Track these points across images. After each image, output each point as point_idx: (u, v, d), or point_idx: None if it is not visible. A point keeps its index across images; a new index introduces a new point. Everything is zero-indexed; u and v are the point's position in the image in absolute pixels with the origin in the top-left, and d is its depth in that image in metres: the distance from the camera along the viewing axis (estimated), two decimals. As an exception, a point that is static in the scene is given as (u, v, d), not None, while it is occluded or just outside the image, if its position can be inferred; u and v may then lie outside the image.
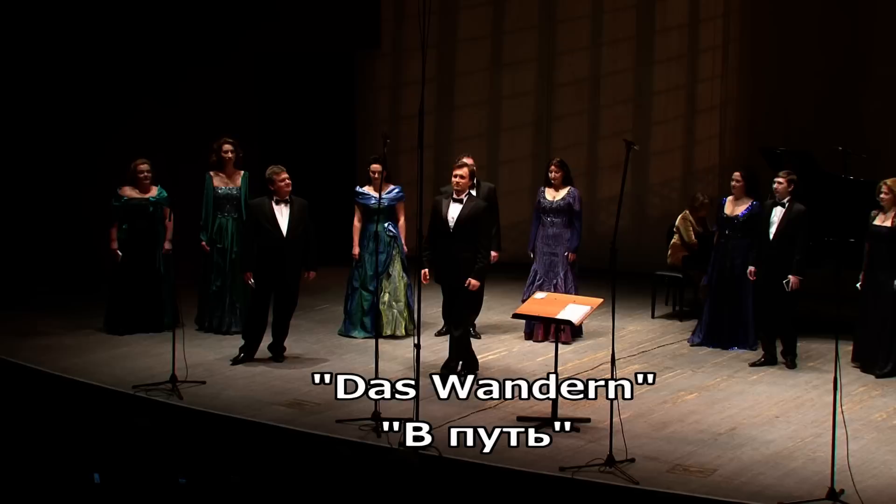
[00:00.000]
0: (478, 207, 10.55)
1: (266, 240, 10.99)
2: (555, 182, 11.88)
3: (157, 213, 11.98)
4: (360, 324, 12.01)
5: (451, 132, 16.10)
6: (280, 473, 9.04)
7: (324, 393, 10.25)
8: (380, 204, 11.30)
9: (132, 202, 11.92)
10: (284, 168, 11.11)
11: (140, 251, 11.93)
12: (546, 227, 11.85)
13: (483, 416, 9.70)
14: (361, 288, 11.94)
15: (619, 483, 8.33)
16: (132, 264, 11.91)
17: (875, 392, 10.46)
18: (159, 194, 12.01)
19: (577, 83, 15.57)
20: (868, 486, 8.23)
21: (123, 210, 11.90)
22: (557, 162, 11.95)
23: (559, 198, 11.87)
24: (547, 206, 11.87)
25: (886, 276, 10.71)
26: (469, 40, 16.03)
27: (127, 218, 11.92)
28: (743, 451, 8.98)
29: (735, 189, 11.60)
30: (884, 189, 10.78)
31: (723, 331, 11.67)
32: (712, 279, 11.73)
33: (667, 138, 15.21)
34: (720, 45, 14.82)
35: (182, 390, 10.13)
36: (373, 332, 11.68)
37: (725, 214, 11.61)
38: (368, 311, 11.91)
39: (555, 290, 11.43)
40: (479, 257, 10.53)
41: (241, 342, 11.30)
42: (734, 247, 11.53)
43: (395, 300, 11.90)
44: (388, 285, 11.88)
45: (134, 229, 11.92)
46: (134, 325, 11.94)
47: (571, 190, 11.92)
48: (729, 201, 11.67)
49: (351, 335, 12.00)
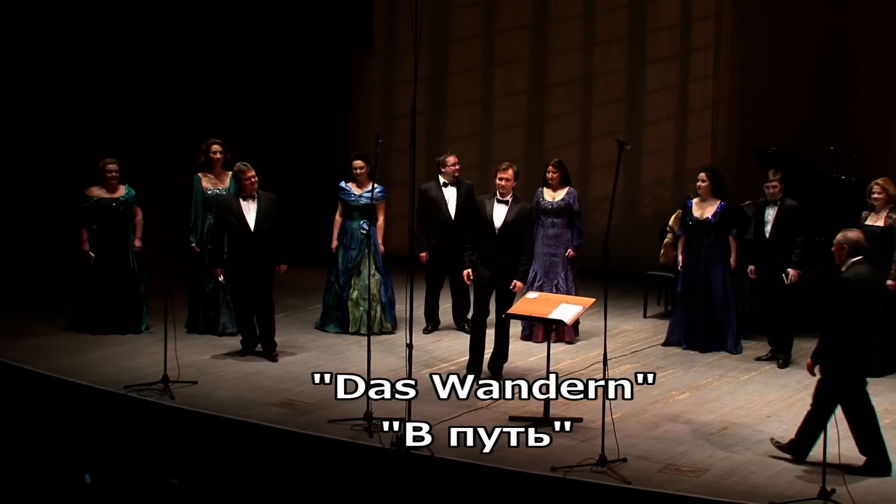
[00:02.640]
0: (524, 210, 10.55)
1: (235, 235, 11.12)
2: (552, 182, 11.87)
3: (126, 212, 11.97)
4: (335, 318, 12.10)
5: (443, 132, 16.11)
6: (272, 474, 9.04)
7: (315, 393, 10.25)
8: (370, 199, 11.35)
9: (101, 202, 11.91)
10: (251, 166, 11.25)
11: (110, 251, 11.92)
12: (546, 228, 11.83)
13: (475, 416, 9.70)
14: (336, 283, 12.06)
15: (610, 483, 8.34)
16: (103, 265, 11.89)
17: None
18: (127, 193, 12.00)
19: (569, 83, 15.57)
20: (859, 485, 8.24)
21: (93, 210, 11.88)
22: (555, 163, 11.94)
23: (559, 198, 11.86)
24: (547, 207, 11.85)
25: (881, 276, 10.70)
26: (461, 40, 16.03)
27: (97, 218, 11.91)
28: (734, 451, 8.98)
29: (702, 190, 11.55)
30: (876, 189, 10.77)
31: (697, 334, 11.63)
32: (685, 282, 11.65)
33: (659, 138, 15.22)
34: (712, 45, 14.83)
35: (174, 390, 10.11)
36: (342, 328, 12.02)
37: (695, 217, 11.56)
38: (339, 305, 12.08)
39: (556, 291, 11.43)
40: (523, 259, 10.54)
41: (234, 342, 11.43)
42: (707, 249, 11.49)
43: (362, 298, 11.91)
44: (357, 282, 11.93)
45: (103, 229, 11.91)
46: (109, 325, 11.91)
47: (570, 190, 11.91)
48: (696, 203, 11.59)
49: (325, 329, 12.11)
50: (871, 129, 13.82)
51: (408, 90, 10.49)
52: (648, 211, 15.21)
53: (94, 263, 11.88)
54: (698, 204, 11.59)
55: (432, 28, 15.73)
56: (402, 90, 15.87)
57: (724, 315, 11.55)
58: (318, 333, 12.18)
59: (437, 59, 16.02)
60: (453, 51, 16.06)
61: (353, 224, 11.92)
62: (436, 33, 15.89)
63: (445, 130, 16.12)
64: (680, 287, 11.73)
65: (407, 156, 9.38)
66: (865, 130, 13.77)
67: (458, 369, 10.93)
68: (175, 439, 9.54)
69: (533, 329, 11.92)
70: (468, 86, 16.04)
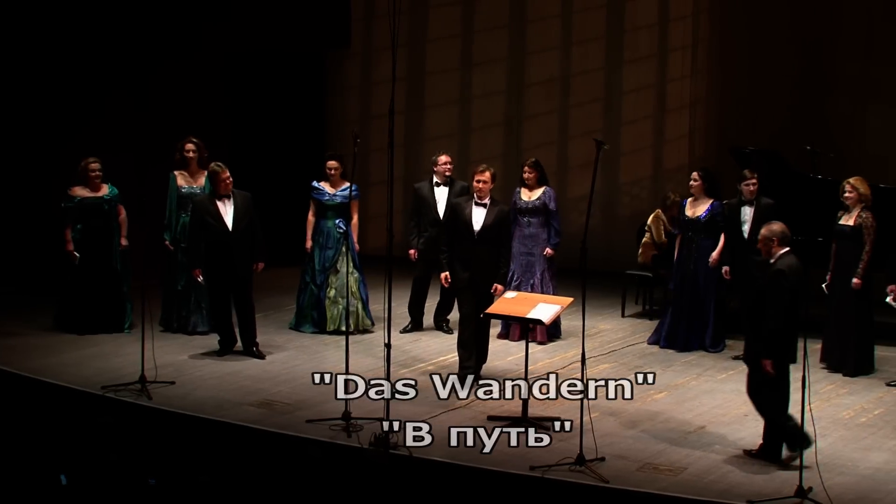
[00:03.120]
0: (502, 213, 10.52)
1: (213, 235, 11.11)
2: (529, 182, 11.88)
3: (111, 211, 11.95)
4: (310, 318, 12.06)
5: (421, 131, 16.10)
6: (250, 474, 9.01)
7: (293, 393, 10.24)
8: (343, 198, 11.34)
9: (86, 201, 11.88)
10: (226, 167, 11.22)
11: (95, 250, 11.90)
12: (523, 227, 11.84)
13: (453, 415, 9.70)
14: (311, 282, 12.00)
15: (589, 482, 8.35)
16: (88, 264, 11.86)
17: (842, 390, 10.52)
18: (111, 192, 11.98)
19: (547, 83, 15.59)
20: (836, 483, 8.27)
21: (77, 210, 11.85)
22: (531, 163, 11.96)
23: (534, 198, 11.87)
24: (523, 206, 11.87)
25: (851, 275, 10.75)
26: (439, 40, 16.03)
27: (81, 218, 11.87)
28: (712, 450, 9.01)
29: (693, 189, 11.64)
30: (847, 188, 10.82)
31: (679, 333, 11.67)
32: (675, 281, 11.71)
33: (637, 137, 15.25)
34: (689, 44, 14.87)
35: (151, 391, 10.08)
36: (318, 327, 11.98)
37: (687, 216, 11.63)
38: (315, 305, 12.05)
39: (532, 291, 11.44)
40: (502, 262, 10.52)
41: (211, 342, 11.40)
42: (698, 248, 11.55)
43: (340, 296, 11.90)
44: (334, 281, 11.91)
45: (88, 229, 11.88)
46: (94, 325, 11.88)
47: (547, 190, 11.93)
48: (689, 202, 11.70)
49: (300, 329, 12.08)
50: (845, 129, 13.87)
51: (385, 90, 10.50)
52: (626, 210, 15.24)
53: (78, 263, 11.84)
54: (692, 203, 11.68)
55: (410, 28, 15.72)
56: (380, 90, 15.87)
57: (709, 315, 11.58)
58: (295, 333, 12.15)
59: (414, 58, 16.02)
60: (431, 50, 16.06)
61: (329, 223, 11.91)
62: (413, 33, 15.89)
63: (423, 130, 16.11)
64: (672, 285, 11.82)
65: (385, 155, 9.38)
66: (840, 130, 13.82)
67: (436, 369, 10.92)
68: (153, 440, 9.50)
69: (510, 328, 11.93)
70: (446, 85, 16.04)
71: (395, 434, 8.86)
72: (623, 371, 10.89)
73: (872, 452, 9.00)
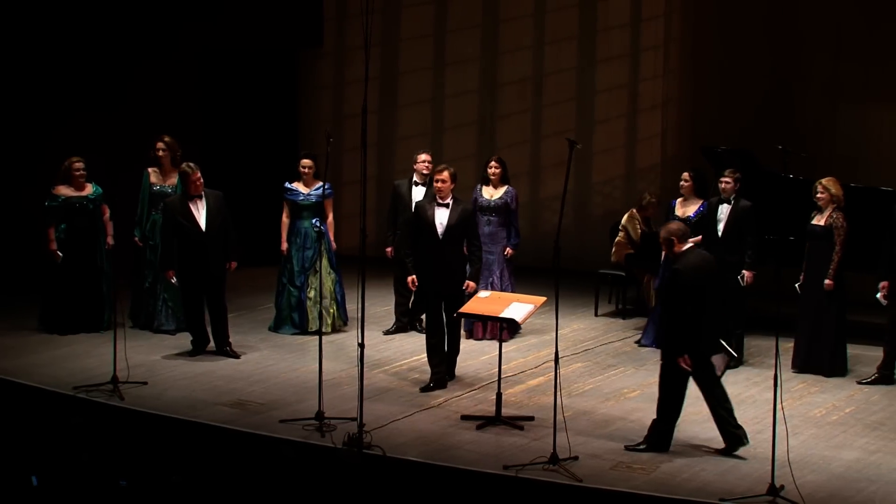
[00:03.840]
0: (466, 212, 10.45)
1: (187, 236, 11.07)
2: (493, 179, 11.88)
3: (95, 210, 11.91)
4: (290, 320, 12.00)
5: (394, 131, 16.09)
6: (223, 474, 8.99)
7: (266, 393, 10.21)
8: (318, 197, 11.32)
9: (71, 201, 11.83)
10: (197, 167, 11.18)
11: (80, 250, 11.85)
12: (482, 225, 11.82)
13: (427, 414, 9.70)
14: (289, 284, 11.96)
15: (562, 481, 8.36)
16: (72, 263, 11.82)
17: (814, 388, 10.57)
18: (95, 191, 11.94)
19: (519, 82, 15.60)
20: (808, 481, 8.31)
21: (61, 209, 11.80)
22: (498, 158, 11.99)
23: (497, 196, 11.88)
24: (484, 204, 11.87)
25: (823, 274, 10.79)
26: (412, 39, 16.02)
27: (65, 217, 11.82)
28: (685, 448, 9.03)
29: (684, 190, 11.69)
30: (819, 189, 10.86)
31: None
32: (663, 279, 11.73)
33: (609, 137, 15.28)
34: (661, 44, 14.91)
35: (123, 391, 10.04)
36: (301, 328, 11.88)
37: (677, 216, 11.66)
38: (296, 306, 11.97)
39: (490, 289, 11.44)
40: (474, 259, 10.48)
41: (181, 340, 11.43)
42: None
43: (321, 296, 11.89)
44: (314, 281, 11.86)
45: (73, 228, 11.84)
46: (74, 324, 11.84)
47: (509, 189, 11.94)
48: (679, 203, 11.75)
49: (280, 331, 12.03)
50: (817, 129, 13.94)
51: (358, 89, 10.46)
52: (599, 210, 15.27)
53: (61, 262, 11.78)
54: (681, 203, 11.72)
55: (383, 27, 15.70)
56: (353, 89, 15.84)
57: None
58: (268, 333, 12.12)
59: (387, 58, 16.00)
60: (404, 50, 16.04)
61: (305, 223, 11.88)
62: (386, 32, 15.87)
63: (396, 129, 16.10)
64: (657, 284, 11.85)
65: (358, 155, 9.36)
66: (811, 130, 13.89)
67: (409, 370, 10.93)
68: (125, 440, 9.46)
69: (473, 326, 11.93)
70: (419, 85, 16.03)
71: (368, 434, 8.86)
72: (596, 370, 10.92)
73: (844, 450, 9.05)
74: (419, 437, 9.16)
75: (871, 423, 9.66)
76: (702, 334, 8.81)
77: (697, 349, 8.83)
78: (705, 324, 8.80)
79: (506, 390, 9.88)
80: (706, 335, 8.86)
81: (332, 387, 10.13)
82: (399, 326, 12.22)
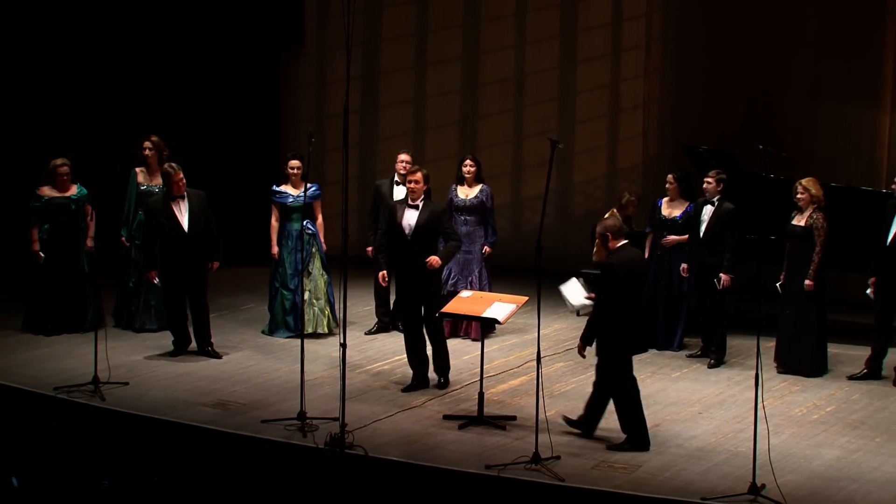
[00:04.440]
0: (434, 213, 10.34)
1: (169, 237, 11.05)
2: (468, 178, 11.89)
3: (78, 211, 11.88)
4: (284, 323, 11.96)
5: (376, 131, 16.08)
6: (205, 474, 8.97)
7: (248, 393, 10.20)
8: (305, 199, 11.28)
9: (54, 202, 11.81)
10: (180, 168, 11.17)
11: (63, 250, 11.83)
12: (459, 225, 11.81)
13: (409, 414, 9.70)
14: (282, 287, 11.90)
15: (544, 480, 8.37)
16: (55, 264, 11.79)
17: (795, 388, 10.61)
18: (79, 192, 11.92)
19: (501, 82, 15.61)
20: (788, 480, 8.34)
21: (45, 210, 11.77)
22: (472, 157, 12.02)
23: (472, 196, 11.89)
24: (460, 204, 11.88)
25: (803, 275, 10.82)
26: (393, 39, 16.02)
27: (48, 218, 11.80)
28: (666, 448, 9.05)
29: (669, 191, 11.69)
30: (799, 189, 10.89)
31: (657, 332, 11.71)
32: (649, 280, 11.75)
33: (591, 137, 15.30)
34: (643, 44, 14.94)
35: (105, 391, 10.01)
36: (296, 331, 11.71)
37: (663, 216, 11.67)
38: (290, 310, 11.89)
39: (470, 289, 11.44)
40: (451, 246, 10.39)
41: (162, 340, 11.41)
42: (674, 248, 11.59)
43: (315, 298, 11.86)
44: (308, 283, 11.81)
45: (56, 229, 11.81)
46: (58, 325, 11.80)
47: (484, 188, 11.95)
48: (665, 203, 11.74)
49: (276, 335, 11.95)
50: (798, 128, 13.97)
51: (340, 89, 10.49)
52: (580, 209, 15.29)
53: (45, 263, 11.75)
54: (667, 203, 11.71)
55: (364, 27, 15.70)
56: (335, 89, 15.84)
57: (680, 314, 11.64)
58: (250, 333, 12.10)
59: (369, 57, 15.99)
60: (385, 49, 16.04)
61: (295, 225, 11.78)
62: (368, 32, 15.86)
63: (378, 129, 16.09)
64: None
65: (340, 154, 9.36)
66: (792, 130, 13.92)
67: (391, 370, 10.92)
68: (106, 441, 9.44)
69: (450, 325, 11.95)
70: (400, 84, 16.03)
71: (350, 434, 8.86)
72: (578, 370, 10.93)
73: (824, 449, 9.09)
74: (401, 437, 9.17)
75: (852, 422, 9.70)
76: (627, 333, 8.92)
77: (624, 348, 8.94)
78: (631, 322, 8.92)
79: (488, 390, 9.88)
80: (631, 334, 8.96)
81: (315, 387, 10.14)
82: (380, 326, 12.22)
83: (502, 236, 12.55)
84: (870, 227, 11.04)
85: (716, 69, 14.45)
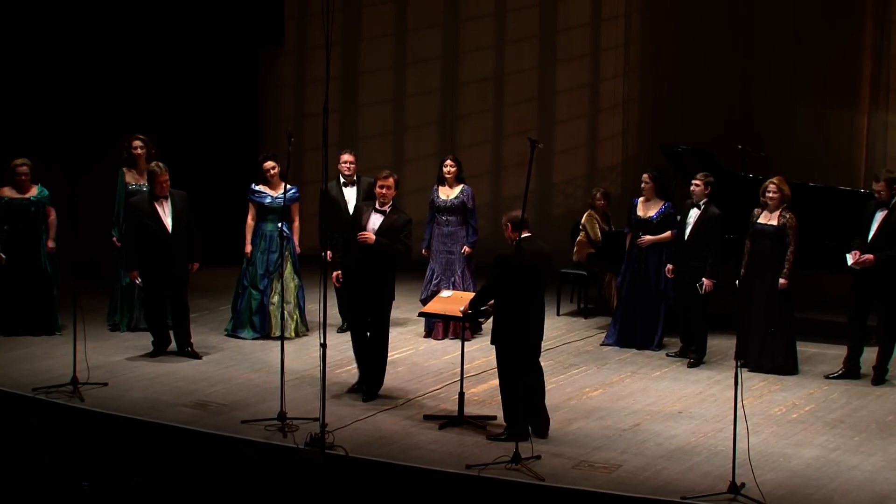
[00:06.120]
0: (397, 222, 10.15)
1: (152, 237, 11.01)
2: (449, 178, 11.89)
3: (38, 212, 11.82)
4: (250, 323, 11.92)
5: (355, 131, 16.06)
6: (184, 475, 8.95)
7: (228, 393, 10.18)
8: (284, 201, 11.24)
9: (13, 203, 11.75)
10: (166, 168, 11.13)
11: (23, 252, 11.77)
12: (441, 226, 11.83)
13: (389, 414, 9.70)
14: (251, 287, 11.86)
15: (524, 480, 8.38)
16: (16, 266, 11.74)
17: (774, 387, 10.64)
18: (40, 193, 11.85)
19: (481, 82, 15.62)
20: (768, 479, 8.37)
21: (3, 211, 11.71)
22: (453, 157, 12.01)
23: (453, 196, 11.90)
24: (441, 204, 11.88)
25: (773, 273, 10.81)
26: (373, 38, 16.00)
27: (7, 219, 11.73)
28: (646, 447, 9.07)
29: (645, 191, 11.67)
30: (772, 188, 10.81)
31: (635, 332, 11.73)
32: (625, 280, 11.77)
33: (570, 136, 15.32)
34: (622, 44, 14.96)
35: (84, 392, 9.97)
36: (261, 332, 11.71)
37: (639, 216, 11.67)
38: (257, 310, 11.86)
39: (453, 289, 11.45)
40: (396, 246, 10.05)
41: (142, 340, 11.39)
42: (650, 248, 11.61)
43: (284, 301, 11.81)
44: (278, 286, 11.74)
45: (15, 230, 11.75)
46: (22, 326, 11.74)
47: (465, 188, 11.95)
48: (640, 203, 11.71)
49: (239, 335, 11.91)
50: (776, 129, 14.02)
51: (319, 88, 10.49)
52: (560, 209, 15.31)
53: (5, 264, 11.69)
54: (643, 203, 11.69)
55: (344, 26, 15.67)
56: (314, 88, 15.82)
57: (659, 314, 11.66)
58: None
59: (348, 57, 15.97)
60: (365, 49, 16.03)
61: (270, 226, 11.76)
62: (347, 31, 15.84)
63: (357, 129, 16.07)
64: (619, 281, 11.87)
65: (319, 154, 9.34)
66: (770, 130, 13.97)
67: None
68: (85, 442, 9.40)
69: (434, 326, 11.93)
70: (380, 84, 16.02)
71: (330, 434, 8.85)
72: (558, 369, 10.94)
73: (804, 448, 9.12)
74: (382, 437, 9.16)
75: (831, 421, 9.74)
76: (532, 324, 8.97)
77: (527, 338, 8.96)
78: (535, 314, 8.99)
79: (468, 389, 9.89)
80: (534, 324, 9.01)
81: (294, 387, 10.12)
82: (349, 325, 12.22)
83: (482, 236, 12.56)
84: (848, 227, 11.07)
85: (694, 69, 14.48)
